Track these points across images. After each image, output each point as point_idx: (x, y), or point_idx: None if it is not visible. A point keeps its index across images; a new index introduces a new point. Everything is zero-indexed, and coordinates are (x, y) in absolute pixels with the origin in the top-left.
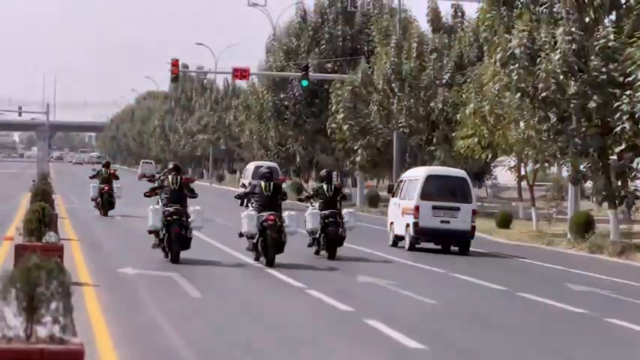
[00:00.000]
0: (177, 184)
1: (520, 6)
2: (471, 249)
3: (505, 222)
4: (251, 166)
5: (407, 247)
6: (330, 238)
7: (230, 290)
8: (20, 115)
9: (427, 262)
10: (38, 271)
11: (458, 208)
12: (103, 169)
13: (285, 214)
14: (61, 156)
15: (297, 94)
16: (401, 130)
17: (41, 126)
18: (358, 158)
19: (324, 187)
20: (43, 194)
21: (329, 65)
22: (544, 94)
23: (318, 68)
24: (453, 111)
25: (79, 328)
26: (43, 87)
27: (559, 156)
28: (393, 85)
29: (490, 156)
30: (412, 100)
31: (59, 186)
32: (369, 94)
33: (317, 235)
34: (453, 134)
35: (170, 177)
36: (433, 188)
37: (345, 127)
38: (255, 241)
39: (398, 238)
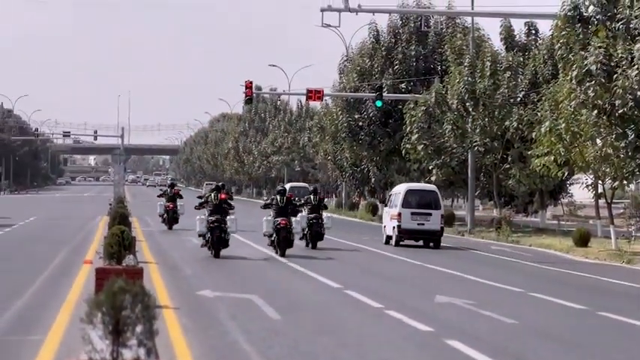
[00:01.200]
0: (217, 200)
1: (596, 22)
2: (553, 268)
3: (583, 240)
4: (287, 185)
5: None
6: (313, 234)
7: (309, 311)
8: (96, 139)
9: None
10: (123, 294)
11: (430, 214)
12: (168, 189)
13: (293, 219)
14: (136, 179)
15: (371, 114)
16: (475, 149)
17: (116, 149)
18: (433, 178)
19: (312, 197)
20: (120, 217)
21: (402, 85)
22: (621, 110)
23: (391, 88)
24: (528, 129)
25: (161, 351)
26: (118, 111)
27: (638, 173)
28: (467, 104)
29: (566, 174)
30: (486, 119)
31: (135, 208)
32: (443, 113)
33: (306, 232)
34: (529, 152)
35: (212, 194)
36: (411, 199)
37: (419, 147)
38: (272, 238)
39: (389, 237)
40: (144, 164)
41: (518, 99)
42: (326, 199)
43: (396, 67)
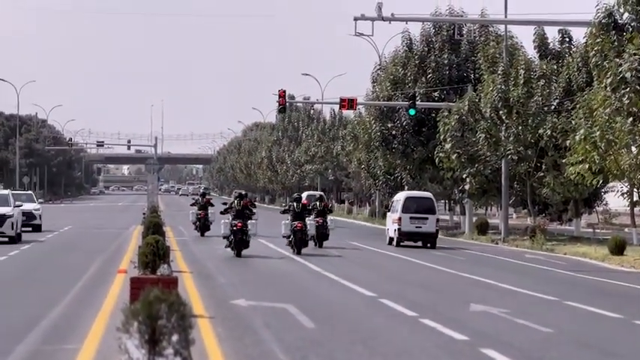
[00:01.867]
0: (240, 206)
1: (631, 29)
2: (588, 277)
3: (619, 248)
4: (304, 194)
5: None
6: (319, 235)
7: (343, 320)
8: (129, 148)
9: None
10: (159, 303)
11: (426, 218)
12: (200, 198)
13: (307, 221)
14: (169, 189)
15: (404, 123)
16: (509, 157)
17: (150, 159)
18: (467, 186)
19: (317, 203)
20: (155, 227)
21: (436, 94)
22: None
23: (424, 97)
24: (562, 137)
25: (196, 359)
26: (151, 120)
27: None
28: (501, 112)
29: (601, 182)
30: (520, 127)
31: (168, 218)
32: (477, 121)
33: (314, 233)
34: (563, 160)
35: (236, 201)
36: (410, 205)
37: (453, 156)
38: (290, 239)
39: (391, 239)
40: (177, 174)
41: (552, 107)
42: (331, 205)
43: (429, 75)
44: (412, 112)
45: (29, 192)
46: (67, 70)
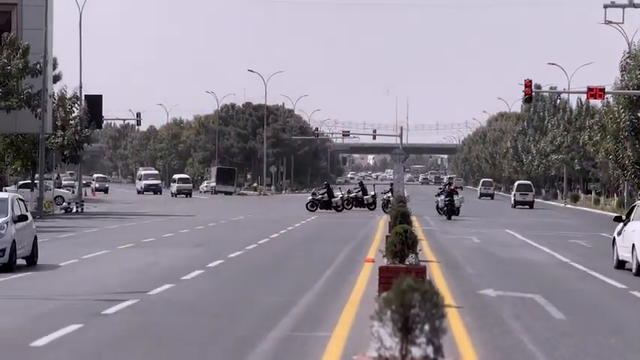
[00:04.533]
0: (449, 189)
1: None
2: None
3: None
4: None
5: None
6: (448, 209)
7: (593, 311)
8: (374, 138)
9: None
10: (412, 292)
11: None
12: (446, 187)
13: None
14: (412, 178)
15: None
16: None
17: (395, 149)
18: None
19: (446, 187)
20: (402, 216)
21: None
22: None
23: None
24: None
25: (446, 349)
26: (396, 110)
27: None
28: None
29: None
30: None
31: (413, 207)
32: None
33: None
34: None
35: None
36: None
37: None
38: (444, 209)
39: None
40: (422, 163)
41: None
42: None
43: None
44: None
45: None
46: (314, 61)
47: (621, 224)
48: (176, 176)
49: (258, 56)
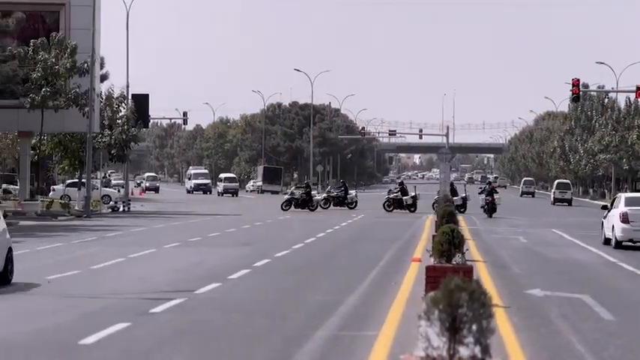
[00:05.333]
0: (490, 188)
1: None
2: None
3: None
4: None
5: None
6: (489, 207)
7: None
8: (421, 137)
9: None
10: (460, 292)
11: None
12: (487, 187)
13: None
14: (458, 177)
15: None
16: None
17: (442, 148)
18: None
19: (487, 187)
20: (448, 216)
21: None
22: None
23: None
24: None
25: (493, 349)
26: (442, 109)
27: None
28: None
29: None
30: None
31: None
32: None
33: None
34: None
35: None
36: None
37: None
38: (485, 207)
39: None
40: (468, 163)
41: None
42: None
43: None
44: None
45: None
46: (360, 60)
47: (607, 211)
48: (222, 175)
49: (305, 55)
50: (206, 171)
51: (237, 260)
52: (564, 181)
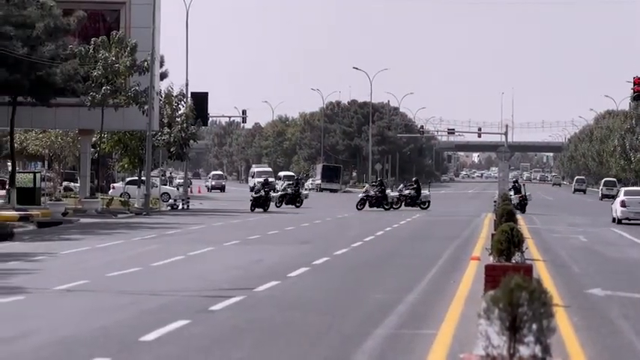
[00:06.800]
0: (519, 187)
1: None
2: None
3: None
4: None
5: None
6: (521, 204)
7: None
8: (480, 136)
9: None
10: (520, 291)
11: None
12: (515, 184)
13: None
14: (516, 176)
15: None
16: None
17: (501, 146)
18: None
19: (515, 185)
20: (507, 214)
21: None
22: None
23: None
24: None
25: (553, 349)
26: (501, 108)
27: None
28: None
29: None
30: None
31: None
32: None
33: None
34: None
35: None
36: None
37: None
38: (516, 204)
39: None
40: (528, 161)
41: None
42: None
43: None
44: None
45: None
46: (420, 58)
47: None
48: (281, 174)
49: (364, 54)
50: (269, 169)
51: (297, 258)
52: (611, 179)
